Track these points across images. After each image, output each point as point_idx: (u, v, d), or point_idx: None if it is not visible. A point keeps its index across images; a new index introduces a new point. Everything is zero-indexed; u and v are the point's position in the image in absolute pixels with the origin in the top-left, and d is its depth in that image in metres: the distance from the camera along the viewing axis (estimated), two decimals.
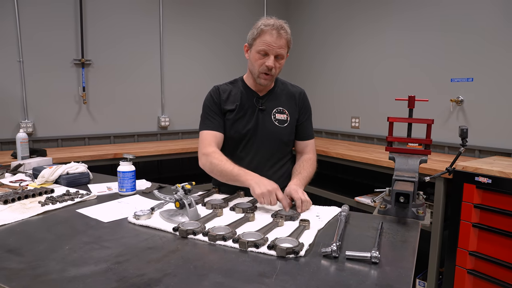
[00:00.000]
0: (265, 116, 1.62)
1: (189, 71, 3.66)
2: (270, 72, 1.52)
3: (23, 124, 2.86)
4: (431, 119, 1.45)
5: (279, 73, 1.59)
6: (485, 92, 2.61)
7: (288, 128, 1.65)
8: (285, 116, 1.64)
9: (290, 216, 1.22)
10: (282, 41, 1.48)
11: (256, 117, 1.61)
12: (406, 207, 1.29)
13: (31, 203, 1.40)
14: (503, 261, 1.96)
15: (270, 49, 1.48)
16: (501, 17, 2.50)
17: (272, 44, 1.48)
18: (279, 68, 1.54)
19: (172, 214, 1.25)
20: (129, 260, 0.95)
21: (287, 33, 1.51)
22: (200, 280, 0.85)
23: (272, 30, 1.47)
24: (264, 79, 1.55)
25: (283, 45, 1.50)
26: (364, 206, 2.72)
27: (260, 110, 1.62)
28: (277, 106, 1.64)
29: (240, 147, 1.63)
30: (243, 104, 1.62)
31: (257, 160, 1.62)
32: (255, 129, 1.61)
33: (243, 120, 1.62)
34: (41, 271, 0.88)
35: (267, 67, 1.50)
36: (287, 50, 1.54)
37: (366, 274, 0.89)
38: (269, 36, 1.47)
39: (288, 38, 1.51)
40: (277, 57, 1.51)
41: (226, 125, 1.63)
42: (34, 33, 2.88)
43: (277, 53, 1.50)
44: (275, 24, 1.49)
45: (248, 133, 1.61)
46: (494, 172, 1.97)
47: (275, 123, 1.62)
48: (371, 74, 3.41)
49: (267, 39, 1.48)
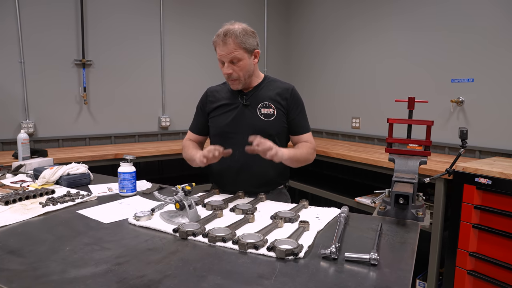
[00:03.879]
0: (249, 111, 1.64)
1: (190, 71, 3.66)
2: (232, 77, 1.58)
3: (24, 124, 2.87)
4: (431, 121, 1.45)
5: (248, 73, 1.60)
6: (485, 92, 2.61)
7: (275, 122, 1.63)
8: (271, 110, 1.64)
9: (289, 218, 1.22)
10: (228, 46, 1.53)
11: (239, 112, 1.64)
12: (405, 209, 1.29)
13: (32, 204, 1.41)
14: (503, 262, 1.96)
15: (222, 58, 1.56)
16: (502, 18, 2.50)
17: (221, 53, 1.55)
18: (240, 70, 1.57)
19: (172, 215, 1.25)
20: (129, 262, 0.95)
21: (236, 35, 1.52)
22: (200, 281, 0.86)
23: (219, 41, 1.55)
24: (231, 84, 1.63)
25: (231, 50, 1.53)
26: (365, 206, 2.72)
27: (244, 106, 1.64)
28: (262, 101, 1.65)
29: (227, 143, 1.63)
30: (229, 102, 1.67)
31: (245, 155, 1.57)
32: (239, 124, 1.63)
33: (226, 115, 1.66)
34: (42, 272, 0.89)
35: (226, 74, 1.58)
36: (243, 50, 1.55)
37: (365, 276, 0.89)
38: (218, 47, 1.56)
39: (237, 41, 1.53)
40: (232, 62, 1.55)
41: (211, 122, 1.71)
42: (34, 34, 2.89)
43: (229, 59, 1.55)
44: (220, 33, 1.55)
45: (231, 128, 1.64)
46: (494, 173, 1.97)
47: (260, 117, 1.63)
48: (371, 75, 3.41)
49: (218, 50, 1.57)
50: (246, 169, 1.62)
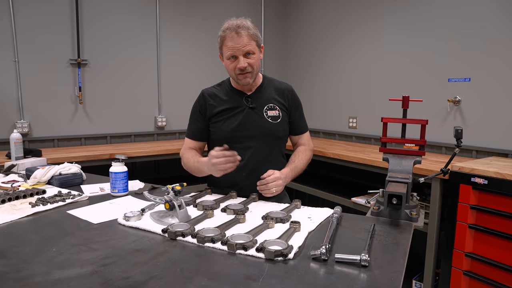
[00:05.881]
0: (256, 114, 1.61)
1: (186, 71, 3.65)
2: (247, 70, 1.53)
3: (18, 124, 2.85)
4: (425, 120, 1.44)
5: (258, 68, 1.58)
6: (482, 92, 2.60)
7: (281, 124, 1.63)
8: (277, 112, 1.63)
9: (281, 219, 1.21)
10: (244, 38, 1.48)
11: (247, 116, 1.60)
12: (399, 209, 1.28)
13: (21, 204, 1.39)
14: (499, 263, 1.95)
15: (236, 52, 1.50)
16: (499, 17, 2.49)
17: (235, 46, 1.49)
18: (254, 63, 1.54)
19: (162, 215, 1.23)
20: (115, 263, 0.93)
21: (248, 28, 1.50)
22: (186, 283, 0.84)
23: (231, 33, 1.49)
24: (243, 78, 1.55)
25: (246, 42, 1.49)
26: (361, 207, 2.70)
27: (250, 108, 1.60)
28: (268, 103, 1.63)
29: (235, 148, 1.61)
30: (232, 105, 1.62)
31: (255, 159, 1.60)
32: (247, 128, 1.60)
33: (232, 120, 1.60)
34: (25, 274, 0.87)
35: (240, 68, 1.52)
36: (255, 43, 1.53)
37: (355, 278, 0.88)
38: (230, 40, 1.50)
39: (250, 33, 1.50)
40: (247, 55, 1.52)
41: (214, 128, 1.63)
42: (29, 33, 2.88)
43: (244, 52, 1.50)
44: (231, 26, 1.50)
45: (239, 133, 1.60)
46: (490, 173, 1.96)
47: (268, 120, 1.61)
48: (368, 74, 3.39)
49: (229, 43, 1.50)
50: (256, 173, 1.55)
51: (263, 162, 1.59)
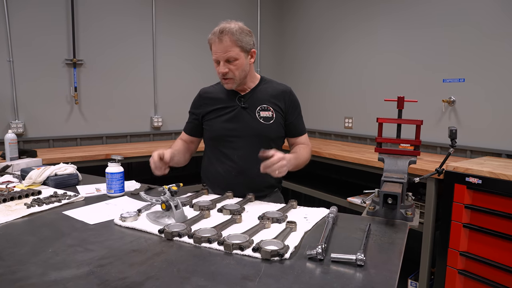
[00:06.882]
0: (248, 114, 1.61)
1: (182, 72, 3.64)
2: (227, 76, 1.54)
3: (13, 124, 2.83)
4: (420, 120, 1.45)
5: (243, 73, 1.56)
6: (477, 92, 2.62)
7: (274, 125, 1.62)
8: (270, 113, 1.62)
9: (277, 219, 1.21)
10: (224, 44, 1.49)
11: (238, 115, 1.61)
12: (394, 209, 1.29)
13: (16, 205, 1.39)
14: (494, 262, 1.97)
15: (218, 57, 1.52)
16: (494, 18, 2.51)
17: (217, 51, 1.51)
18: (236, 69, 1.53)
19: (158, 216, 1.24)
20: (112, 263, 0.93)
21: (232, 33, 1.49)
22: (183, 283, 0.84)
23: (215, 38, 1.51)
24: (225, 83, 1.58)
25: (227, 48, 1.49)
26: (357, 206, 2.71)
27: (242, 108, 1.61)
28: (261, 103, 1.62)
29: (225, 147, 1.63)
30: (225, 104, 1.63)
31: (245, 159, 1.60)
32: (238, 127, 1.60)
33: (223, 118, 1.62)
34: (21, 275, 0.87)
35: (221, 73, 1.54)
36: (239, 49, 1.51)
37: (351, 277, 0.88)
38: (213, 45, 1.52)
39: (233, 39, 1.49)
40: (229, 61, 1.52)
41: (207, 125, 1.66)
42: (24, 33, 2.86)
43: (225, 58, 1.51)
44: (216, 30, 1.51)
45: (229, 132, 1.61)
46: (484, 172, 1.98)
47: (260, 120, 1.60)
48: (364, 75, 3.41)
49: (213, 48, 1.53)
50: (245, 173, 1.58)
51: (253, 163, 1.53)
